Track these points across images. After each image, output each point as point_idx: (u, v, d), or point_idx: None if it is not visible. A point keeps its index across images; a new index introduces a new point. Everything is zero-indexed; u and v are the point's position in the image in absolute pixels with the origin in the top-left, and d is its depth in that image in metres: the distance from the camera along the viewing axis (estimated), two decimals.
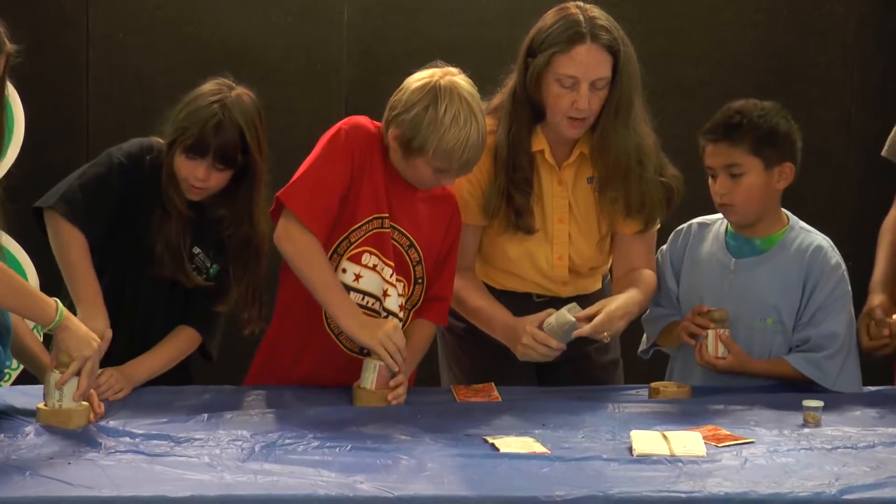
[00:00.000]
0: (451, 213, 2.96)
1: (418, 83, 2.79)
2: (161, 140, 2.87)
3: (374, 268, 2.85)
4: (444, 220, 2.95)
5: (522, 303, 3.04)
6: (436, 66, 2.82)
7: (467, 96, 2.78)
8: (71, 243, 2.78)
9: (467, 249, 3.04)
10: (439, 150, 2.75)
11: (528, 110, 2.97)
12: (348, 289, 2.84)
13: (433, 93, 2.76)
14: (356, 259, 2.84)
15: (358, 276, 2.85)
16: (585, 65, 2.88)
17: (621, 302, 2.89)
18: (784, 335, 3.01)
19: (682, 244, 3.13)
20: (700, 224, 3.14)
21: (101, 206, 2.81)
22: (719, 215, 3.09)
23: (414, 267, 2.91)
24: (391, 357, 2.73)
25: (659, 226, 3.09)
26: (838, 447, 2.47)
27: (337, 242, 2.85)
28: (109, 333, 2.65)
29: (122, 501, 2.09)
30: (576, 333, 2.83)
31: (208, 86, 2.85)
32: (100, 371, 2.67)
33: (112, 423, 2.50)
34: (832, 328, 2.98)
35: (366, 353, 2.81)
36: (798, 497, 2.16)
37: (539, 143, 3.01)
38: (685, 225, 3.16)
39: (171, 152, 2.82)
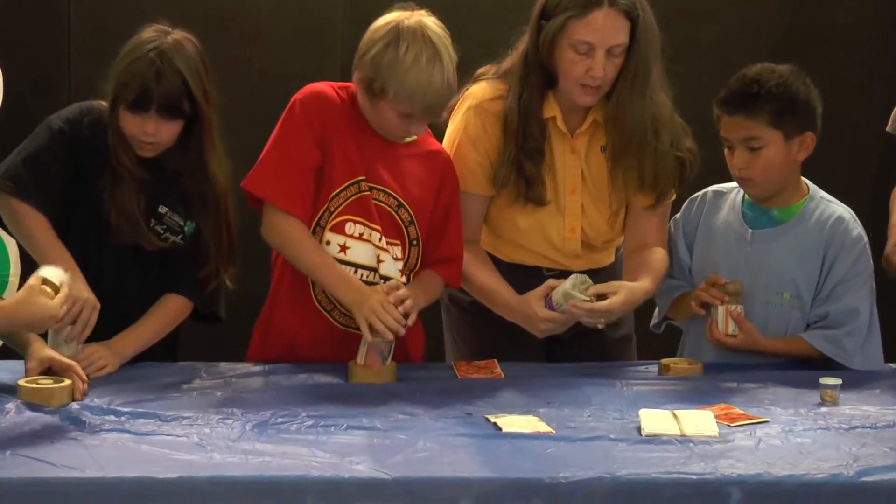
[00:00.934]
0: (441, 168, 2.94)
1: (383, 23, 2.79)
2: (102, 102, 2.85)
3: (360, 236, 2.86)
4: (435, 175, 2.93)
5: (532, 276, 3.04)
6: (407, 9, 2.80)
7: (433, 37, 2.76)
8: (31, 223, 2.77)
9: (473, 220, 3.03)
10: (401, 93, 2.73)
11: (540, 76, 2.96)
12: (339, 262, 2.84)
13: (395, 32, 2.75)
14: (339, 229, 2.84)
15: (344, 247, 2.85)
16: (602, 31, 2.86)
17: (627, 296, 2.86)
18: (801, 311, 3.01)
19: (697, 213, 3.12)
20: (715, 192, 3.13)
21: (49, 179, 2.79)
22: (735, 184, 3.08)
23: (406, 228, 2.91)
24: (379, 332, 2.72)
25: (673, 198, 3.09)
26: (857, 427, 2.47)
27: (318, 215, 2.85)
28: (98, 303, 2.67)
29: (106, 483, 2.10)
30: (572, 304, 2.82)
31: (143, 34, 2.81)
32: (82, 346, 2.69)
33: (97, 401, 2.50)
34: (852, 303, 2.98)
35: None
36: (814, 479, 2.17)
37: (551, 109, 3.00)
38: (700, 193, 3.15)
39: (114, 111, 2.79)
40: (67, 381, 2.51)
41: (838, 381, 2.68)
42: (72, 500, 2.09)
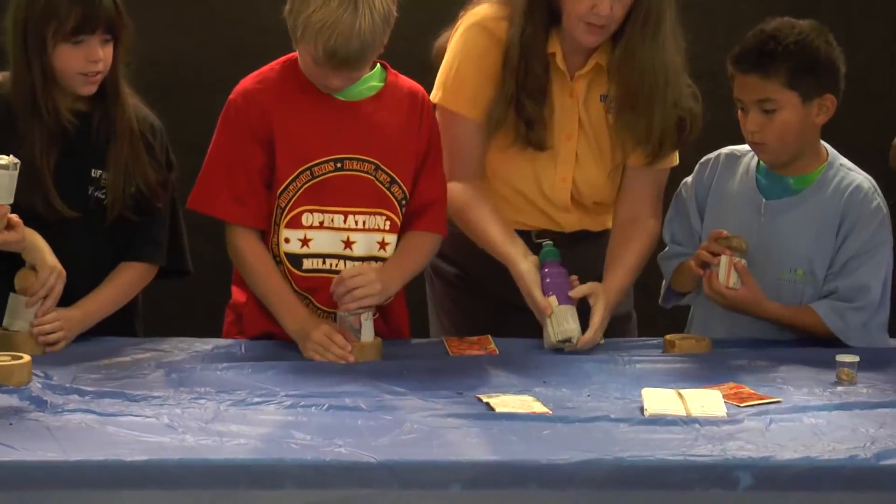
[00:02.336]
0: (419, 108, 2.92)
1: None
2: None
3: (321, 225, 2.86)
4: (413, 119, 2.91)
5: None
6: None
7: None
8: None
9: (475, 152, 3.01)
10: (306, 32, 2.72)
11: (544, 11, 2.95)
12: (302, 257, 2.86)
13: None
14: (295, 223, 2.86)
15: (305, 241, 2.86)
16: None
17: (605, 310, 2.91)
18: (815, 288, 3.01)
19: (709, 177, 3.10)
20: (729, 155, 3.11)
21: None
22: (748, 149, 3.08)
23: (389, 189, 2.90)
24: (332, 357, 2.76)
25: (672, 164, 3.10)
26: (875, 407, 2.48)
27: (274, 215, 2.86)
28: (63, 271, 2.72)
29: (70, 467, 2.10)
30: (570, 348, 2.88)
31: None
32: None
33: (59, 380, 2.51)
34: (863, 280, 2.97)
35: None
36: (829, 462, 2.18)
37: (551, 45, 2.99)
38: (713, 154, 3.14)
39: (43, 56, 2.77)
40: (27, 358, 2.51)
41: (856, 359, 2.69)
42: (33, 485, 2.09)
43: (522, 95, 2.96)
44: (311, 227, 2.86)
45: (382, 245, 2.90)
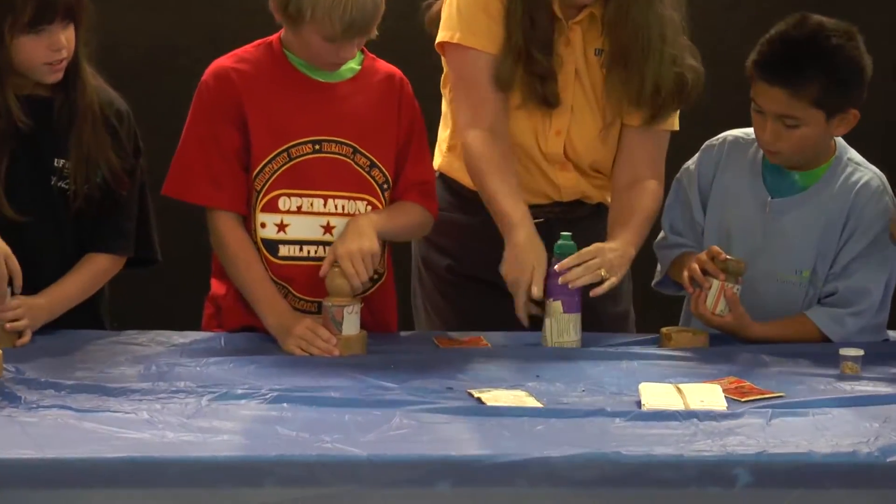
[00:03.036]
0: (398, 90, 2.94)
1: None
2: None
3: (298, 209, 2.87)
4: (391, 101, 2.93)
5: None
6: None
7: None
8: None
9: (492, 95, 2.98)
10: (317, 11, 2.73)
11: None
12: (278, 243, 2.87)
13: None
14: (272, 207, 2.87)
15: (282, 226, 2.88)
16: None
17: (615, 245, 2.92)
18: (817, 290, 3.00)
19: (713, 165, 3.08)
20: (734, 143, 3.08)
21: None
22: None
23: (369, 173, 2.91)
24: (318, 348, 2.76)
25: (672, 127, 3.09)
26: (880, 401, 2.49)
27: (252, 199, 2.87)
28: (9, 251, 2.70)
29: (45, 464, 2.10)
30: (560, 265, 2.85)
31: None
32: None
33: (33, 374, 2.51)
34: (864, 283, 2.96)
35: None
36: (831, 458, 2.19)
37: None
38: (718, 139, 3.11)
39: (0, 50, 2.77)
40: None
41: (860, 353, 2.71)
42: (6, 484, 2.09)
43: (532, 48, 2.97)
44: (288, 211, 2.87)
45: None
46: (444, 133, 3.22)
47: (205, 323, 3.02)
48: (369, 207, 2.90)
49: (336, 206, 2.89)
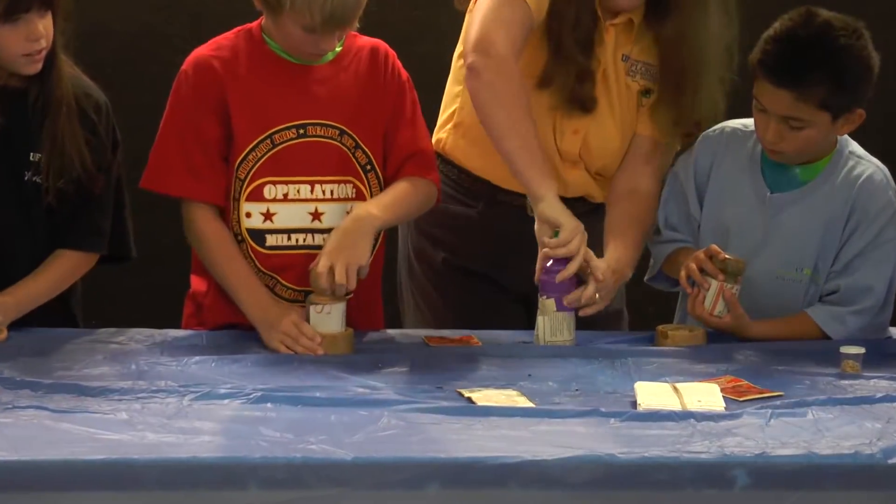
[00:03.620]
0: (383, 64, 2.94)
1: None
2: None
3: (285, 197, 2.88)
4: (376, 77, 2.93)
5: (513, 215, 3.05)
6: None
7: None
8: None
9: (518, 36, 2.93)
10: (297, 1, 2.73)
11: None
12: (265, 233, 2.87)
13: None
14: (257, 196, 2.87)
15: (269, 215, 2.88)
16: None
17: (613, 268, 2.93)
18: (819, 288, 3.00)
19: (710, 159, 3.07)
20: (732, 134, 3.08)
21: None
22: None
23: (354, 154, 2.91)
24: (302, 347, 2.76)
25: (678, 145, 3.14)
26: (881, 401, 2.50)
27: (233, 189, 2.87)
28: None
29: (20, 467, 2.10)
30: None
31: None
32: None
33: (9, 373, 2.51)
34: (868, 280, 2.95)
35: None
36: (832, 459, 2.19)
37: None
38: (717, 129, 3.11)
39: None
40: None
41: (861, 350, 2.71)
42: None
43: (574, 47, 2.98)
44: (274, 199, 2.87)
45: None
46: (451, 108, 3.19)
47: (185, 322, 3.02)
48: (354, 191, 2.91)
49: (324, 192, 2.89)
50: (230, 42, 2.90)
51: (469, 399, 2.44)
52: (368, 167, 2.93)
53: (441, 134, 3.19)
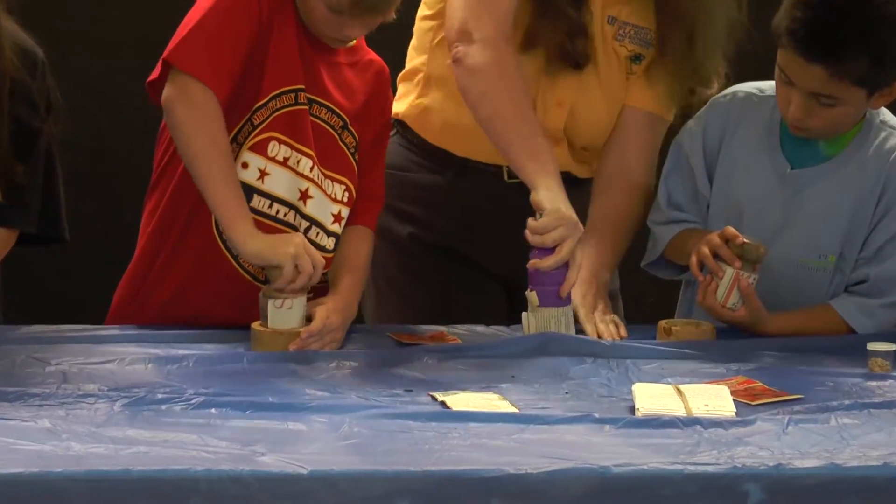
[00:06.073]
0: (379, 81, 3.01)
1: None
2: None
3: (284, 162, 2.90)
4: (376, 91, 3.01)
5: (488, 182, 3.08)
6: None
7: None
8: None
9: (508, 9, 2.98)
10: None
11: None
12: (254, 191, 2.89)
13: None
14: (260, 149, 2.89)
15: (263, 173, 2.90)
16: None
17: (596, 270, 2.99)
18: (844, 276, 3.02)
19: (721, 128, 3.07)
20: (746, 99, 3.08)
21: None
22: (773, 87, 3.00)
23: (353, 155, 2.96)
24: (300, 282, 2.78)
25: (670, 118, 3.16)
26: None
27: (237, 127, 2.89)
28: None
29: None
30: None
31: None
32: None
33: None
34: None
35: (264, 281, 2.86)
36: (858, 472, 2.19)
37: None
38: (727, 94, 3.11)
39: None
40: None
41: (892, 347, 2.73)
42: None
43: (562, 1, 3.01)
44: (273, 159, 2.89)
45: (338, 218, 2.94)
46: (417, 61, 3.21)
47: (114, 306, 3.00)
48: (346, 195, 2.95)
49: (319, 178, 2.92)
50: None
51: (443, 403, 2.45)
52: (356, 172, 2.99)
53: (401, 107, 3.21)
